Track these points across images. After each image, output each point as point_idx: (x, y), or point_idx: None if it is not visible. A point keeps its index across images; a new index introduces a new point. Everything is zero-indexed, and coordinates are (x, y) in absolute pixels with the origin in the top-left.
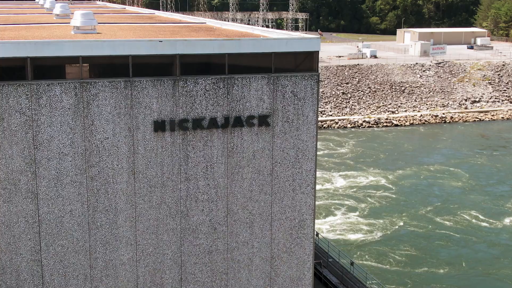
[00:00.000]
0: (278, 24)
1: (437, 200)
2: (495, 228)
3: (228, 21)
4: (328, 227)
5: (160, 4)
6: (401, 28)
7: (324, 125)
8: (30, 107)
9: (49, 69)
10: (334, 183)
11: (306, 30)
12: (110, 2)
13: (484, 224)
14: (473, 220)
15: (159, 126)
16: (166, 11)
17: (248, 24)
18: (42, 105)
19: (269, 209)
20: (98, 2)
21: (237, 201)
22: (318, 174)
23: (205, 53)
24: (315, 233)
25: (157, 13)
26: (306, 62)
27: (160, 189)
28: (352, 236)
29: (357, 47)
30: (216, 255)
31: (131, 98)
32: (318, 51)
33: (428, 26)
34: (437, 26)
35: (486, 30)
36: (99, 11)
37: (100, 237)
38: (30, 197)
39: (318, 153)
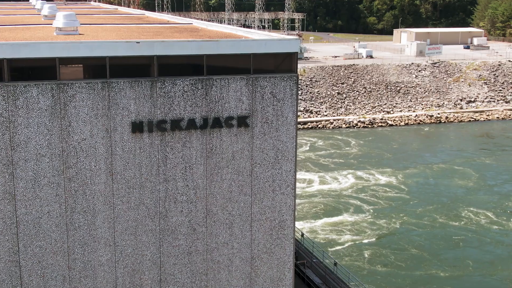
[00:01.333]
0: (276, 24)
1: (445, 200)
2: (499, 229)
3: (224, 21)
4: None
5: (156, 4)
6: (398, 28)
7: (319, 125)
8: (7, 109)
9: (26, 70)
10: (339, 183)
11: (304, 30)
12: (108, 2)
13: (486, 223)
14: (478, 220)
15: (137, 127)
16: (162, 11)
17: (244, 24)
18: (19, 107)
19: (249, 209)
20: (92, 3)
21: (216, 202)
22: (321, 174)
23: (183, 54)
24: (301, 234)
25: (147, 14)
26: (285, 63)
27: (139, 190)
28: (352, 237)
29: (354, 47)
30: (195, 256)
31: (109, 99)
32: (297, 52)
33: (426, 26)
34: (435, 26)
35: (483, 30)
36: (90, 11)
37: (78, 238)
38: (7, 198)
39: (318, 153)
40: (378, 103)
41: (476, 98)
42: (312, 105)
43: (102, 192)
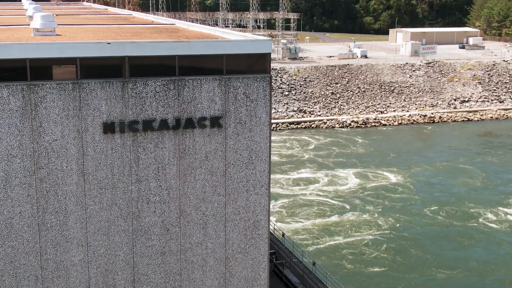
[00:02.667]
0: (272, 24)
1: (447, 199)
2: (502, 228)
3: (219, 21)
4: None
5: (150, 4)
6: (394, 28)
7: (313, 125)
8: None
9: None
10: (339, 182)
11: (300, 30)
12: (104, 3)
13: (489, 222)
14: (481, 219)
15: (108, 128)
16: (158, 11)
17: (239, 24)
18: None
19: (223, 210)
20: (85, 3)
21: (190, 202)
22: (320, 173)
23: (155, 55)
24: (282, 234)
25: (135, 14)
26: (259, 63)
27: (111, 190)
28: (346, 237)
29: (349, 47)
30: (169, 256)
31: (80, 100)
32: (270, 53)
33: (422, 26)
34: (431, 25)
35: (479, 30)
36: (78, 12)
37: (50, 238)
38: None
39: (318, 152)
40: (372, 103)
41: (470, 98)
42: (306, 105)
43: (74, 192)
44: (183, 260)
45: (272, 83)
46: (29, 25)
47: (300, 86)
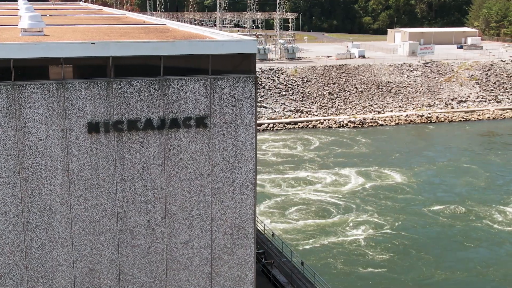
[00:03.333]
0: (271, 24)
1: (450, 198)
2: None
3: (217, 21)
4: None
5: (147, 5)
6: (393, 28)
7: (309, 125)
8: None
9: None
10: (346, 182)
11: (299, 30)
12: (103, 3)
13: (490, 221)
14: (481, 218)
15: (93, 128)
16: (156, 11)
17: (237, 24)
18: None
19: (208, 210)
20: (81, 3)
21: (175, 202)
22: (319, 172)
23: (139, 55)
24: (272, 234)
25: (128, 14)
26: (244, 64)
27: (96, 190)
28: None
29: (347, 47)
30: (154, 256)
31: (64, 100)
32: (255, 53)
33: (421, 26)
34: (430, 26)
35: (477, 30)
36: (73, 12)
37: (35, 238)
38: None
39: (317, 152)
40: (369, 103)
41: (467, 98)
42: (303, 105)
43: (59, 192)
44: (168, 260)
45: (270, 83)
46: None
47: (298, 86)
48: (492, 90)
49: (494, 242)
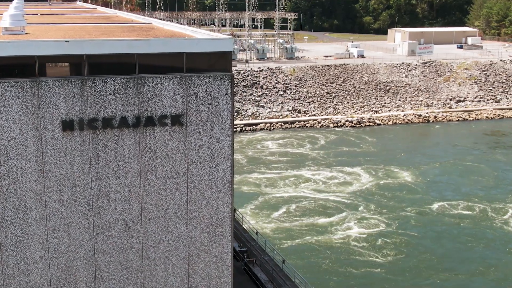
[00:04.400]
0: (272, 24)
1: (453, 196)
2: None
3: (215, 21)
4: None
5: (146, 4)
6: (394, 27)
7: (307, 125)
8: None
9: None
10: (351, 181)
11: (299, 30)
12: (103, 3)
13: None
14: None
15: (67, 126)
16: (155, 11)
17: (237, 24)
18: None
19: (185, 207)
20: (78, 3)
21: (151, 200)
22: (319, 171)
23: (114, 53)
24: (255, 232)
25: (119, 13)
26: (220, 62)
27: (71, 188)
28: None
29: (347, 46)
30: (131, 253)
31: (38, 98)
32: (231, 52)
33: (422, 25)
34: (431, 25)
35: (477, 30)
36: (66, 11)
37: (10, 235)
38: None
39: (315, 151)
40: (367, 102)
41: (465, 98)
42: (301, 104)
43: (34, 190)
44: (145, 257)
45: (268, 83)
46: None
47: (296, 86)
48: (491, 89)
49: (503, 241)
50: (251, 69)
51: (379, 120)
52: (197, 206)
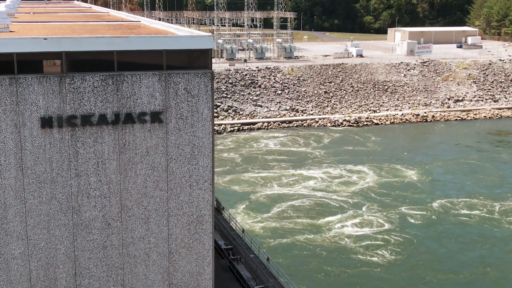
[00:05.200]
0: (272, 24)
1: (458, 195)
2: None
3: (214, 20)
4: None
5: (144, 3)
6: (395, 27)
7: (304, 124)
8: None
9: None
10: (355, 180)
11: (300, 29)
12: (104, 2)
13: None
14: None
15: (46, 123)
16: (154, 10)
17: (236, 23)
18: None
19: (165, 204)
20: (75, 2)
21: (131, 197)
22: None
23: (93, 50)
24: (242, 230)
25: (112, 12)
26: (200, 59)
27: (50, 185)
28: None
29: (346, 46)
30: (111, 250)
31: (17, 95)
32: (211, 49)
33: (422, 25)
34: (432, 25)
35: (477, 29)
36: (60, 10)
37: None
38: None
39: (316, 151)
40: (365, 102)
41: (464, 97)
42: (299, 104)
43: (13, 186)
44: (125, 254)
45: (266, 82)
46: None
47: (294, 85)
48: (489, 89)
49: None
50: (249, 68)
51: (376, 119)
52: (177, 204)
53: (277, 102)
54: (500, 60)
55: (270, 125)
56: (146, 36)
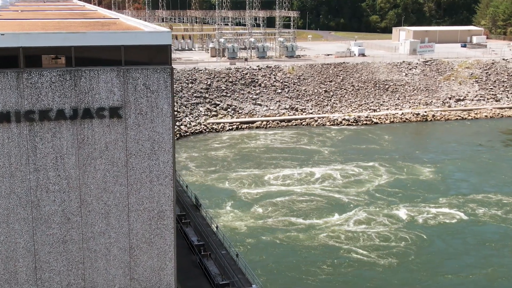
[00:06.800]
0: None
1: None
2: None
3: (216, 19)
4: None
5: (146, 2)
6: (401, 26)
7: (303, 123)
8: None
9: None
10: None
11: (305, 28)
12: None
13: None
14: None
15: (4, 117)
16: (158, 9)
17: (239, 22)
18: None
19: (125, 200)
20: (74, 0)
21: (90, 192)
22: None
23: (50, 46)
24: (216, 226)
25: (100, 10)
26: (159, 55)
27: (9, 179)
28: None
29: (349, 45)
30: (71, 244)
31: None
32: (170, 45)
33: (429, 24)
34: (438, 24)
35: (483, 29)
36: (50, 8)
37: None
38: None
39: (313, 149)
40: (365, 101)
41: (465, 97)
42: (298, 103)
43: None
44: (85, 248)
45: (266, 81)
46: None
47: (294, 84)
48: (491, 88)
49: None
50: (250, 67)
51: (376, 118)
52: (137, 199)
53: (277, 101)
54: (503, 59)
55: (269, 123)
56: (104, 32)
